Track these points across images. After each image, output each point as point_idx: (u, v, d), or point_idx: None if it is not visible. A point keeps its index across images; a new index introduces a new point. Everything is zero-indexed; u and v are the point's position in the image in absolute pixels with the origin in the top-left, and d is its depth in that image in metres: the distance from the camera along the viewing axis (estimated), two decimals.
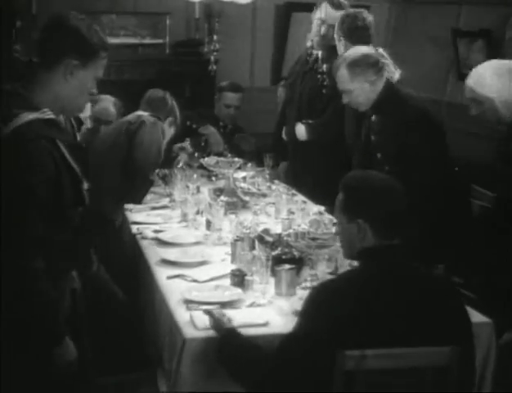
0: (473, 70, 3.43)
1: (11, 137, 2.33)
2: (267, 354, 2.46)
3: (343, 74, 3.74)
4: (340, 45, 4.48)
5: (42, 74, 2.48)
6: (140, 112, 4.11)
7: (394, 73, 3.95)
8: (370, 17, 4.51)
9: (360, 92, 3.74)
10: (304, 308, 2.42)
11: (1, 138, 2.34)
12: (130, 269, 3.71)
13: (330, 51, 4.65)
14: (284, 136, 5.05)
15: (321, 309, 2.37)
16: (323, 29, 4.73)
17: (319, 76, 4.58)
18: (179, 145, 4.75)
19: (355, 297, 2.37)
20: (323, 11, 4.74)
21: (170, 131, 4.30)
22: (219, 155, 4.83)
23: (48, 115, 2.42)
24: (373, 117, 3.80)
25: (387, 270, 2.42)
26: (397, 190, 2.45)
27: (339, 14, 4.59)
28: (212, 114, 5.48)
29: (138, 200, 4.04)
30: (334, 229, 3.82)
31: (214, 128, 5.20)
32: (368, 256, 2.44)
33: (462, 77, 5.91)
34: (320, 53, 4.71)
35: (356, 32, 4.41)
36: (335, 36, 4.52)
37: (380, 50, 4.19)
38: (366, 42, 4.24)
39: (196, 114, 5.39)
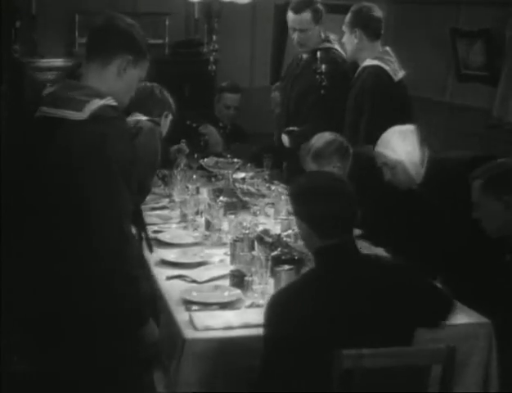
0: (381, 137, 3.62)
1: (91, 120, 2.43)
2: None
3: (310, 167, 3.88)
4: (353, 38, 4.46)
5: (97, 70, 2.60)
6: (138, 116, 4.03)
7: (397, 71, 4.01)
8: (380, 11, 4.52)
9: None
10: (266, 315, 2.44)
11: (79, 122, 2.42)
12: None
13: (315, 54, 4.63)
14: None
15: (281, 313, 2.39)
16: (296, 37, 4.71)
17: (317, 76, 4.57)
18: (176, 147, 4.73)
19: (312, 297, 2.40)
20: (289, 19, 4.75)
21: (166, 123, 4.13)
22: (218, 155, 4.83)
23: (112, 102, 2.53)
24: None
25: (338, 268, 2.45)
26: (339, 191, 2.47)
27: (301, 16, 4.63)
28: (211, 114, 5.48)
29: (136, 206, 4.02)
30: None
31: (214, 128, 5.20)
32: (318, 256, 2.50)
33: (462, 77, 5.93)
34: (319, 53, 4.70)
35: (372, 23, 4.51)
36: (345, 29, 4.48)
37: (387, 48, 4.24)
38: (379, 35, 4.47)
39: (196, 113, 5.40)
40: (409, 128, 3.64)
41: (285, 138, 4.69)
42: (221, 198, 4.13)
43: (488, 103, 5.53)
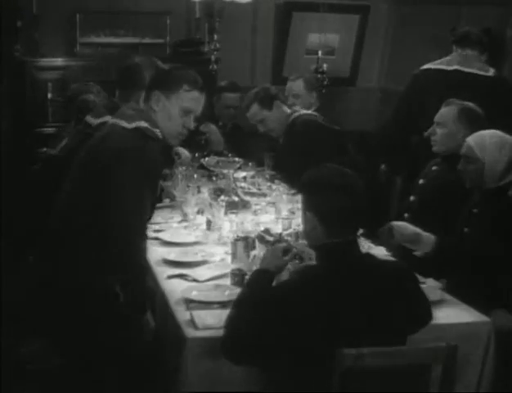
0: (479, 132, 3.55)
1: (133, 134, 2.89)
2: None
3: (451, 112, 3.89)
4: None
5: (144, 106, 2.98)
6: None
7: None
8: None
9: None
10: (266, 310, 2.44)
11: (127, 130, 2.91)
12: None
13: None
14: None
15: (279, 309, 2.39)
16: None
17: (319, 76, 4.59)
18: (175, 149, 4.77)
19: (311, 294, 2.40)
20: None
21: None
22: (219, 154, 4.83)
23: (156, 130, 2.94)
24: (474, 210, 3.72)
25: (340, 267, 2.46)
26: (352, 188, 2.43)
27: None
28: (211, 113, 5.48)
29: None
30: None
31: (215, 126, 5.20)
32: (321, 252, 2.50)
33: None
34: (320, 53, 4.73)
35: None
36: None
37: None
38: None
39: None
40: (509, 140, 3.50)
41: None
42: (222, 197, 4.14)
43: None
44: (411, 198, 4.04)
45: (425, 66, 4.98)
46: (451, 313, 3.00)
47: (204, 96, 3.03)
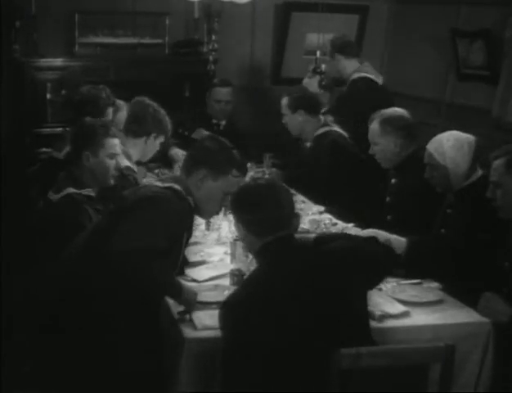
0: (436, 136, 3.60)
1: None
2: None
3: (374, 128, 3.98)
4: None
5: (184, 177, 3.05)
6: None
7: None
8: None
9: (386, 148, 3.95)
10: (220, 318, 2.52)
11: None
12: None
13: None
14: None
15: (234, 316, 2.48)
16: None
17: (318, 76, 4.59)
18: (172, 151, 4.80)
19: (258, 294, 2.51)
20: None
21: (155, 144, 4.21)
22: None
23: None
24: (393, 180, 3.98)
25: (277, 261, 2.58)
26: (268, 198, 2.63)
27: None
28: (204, 112, 5.49)
29: None
30: (332, 229, 3.84)
31: (207, 132, 5.17)
32: (259, 255, 2.65)
33: (462, 77, 5.92)
34: (318, 53, 4.73)
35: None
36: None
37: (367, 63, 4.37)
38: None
39: (190, 118, 5.37)
40: (469, 139, 3.54)
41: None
42: None
43: (488, 103, 5.53)
44: (387, 199, 4.05)
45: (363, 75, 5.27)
46: (450, 314, 3.01)
47: None
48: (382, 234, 3.28)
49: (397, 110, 4.06)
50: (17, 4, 5.74)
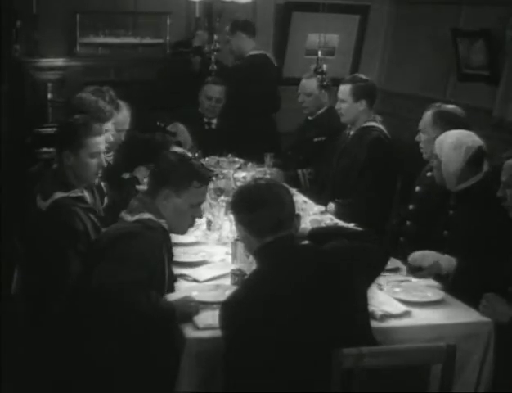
0: (450, 131, 3.61)
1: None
2: None
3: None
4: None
5: (148, 199, 3.02)
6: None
7: None
8: None
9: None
10: (221, 317, 2.54)
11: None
12: None
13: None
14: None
15: (234, 315, 2.51)
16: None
17: (319, 76, 4.58)
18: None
19: (257, 294, 2.52)
20: None
21: (109, 136, 3.87)
22: (219, 154, 4.84)
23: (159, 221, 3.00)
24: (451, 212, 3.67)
25: (276, 261, 2.59)
26: (270, 199, 2.64)
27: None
28: (197, 111, 5.49)
29: None
30: None
31: (184, 126, 5.17)
32: (258, 255, 2.65)
33: (462, 77, 5.92)
34: (320, 53, 4.72)
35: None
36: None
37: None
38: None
39: (167, 114, 5.35)
40: (468, 142, 3.51)
41: (331, 207, 4.57)
42: (222, 197, 4.13)
43: (489, 103, 5.53)
44: (410, 206, 4.03)
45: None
46: (452, 314, 3.00)
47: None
48: (432, 254, 3.23)
49: (455, 108, 4.01)
50: (18, 4, 5.74)
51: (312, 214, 4.03)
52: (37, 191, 3.38)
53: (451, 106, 3.99)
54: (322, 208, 4.31)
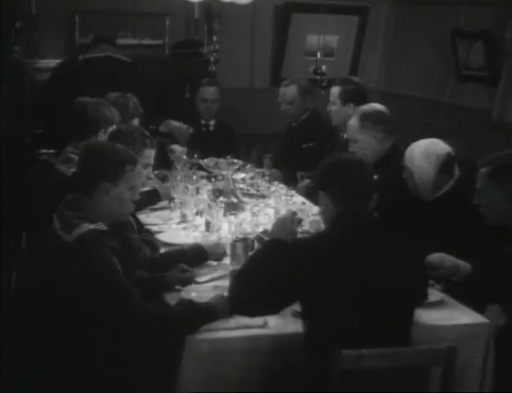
0: (415, 143, 3.67)
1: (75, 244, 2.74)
2: None
3: (354, 123, 4.05)
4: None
5: (86, 199, 2.87)
6: None
7: None
8: None
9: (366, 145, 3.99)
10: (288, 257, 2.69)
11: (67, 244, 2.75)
12: None
13: None
14: None
15: (291, 260, 2.66)
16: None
17: (318, 77, 4.59)
18: (170, 147, 4.79)
19: (320, 254, 2.63)
20: None
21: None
22: (218, 156, 4.84)
23: (102, 227, 2.81)
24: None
25: (349, 231, 2.69)
26: (355, 170, 2.78)
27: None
28: (194, 113, 5.49)
29: None
30: None
31: (176, 122, 5.13)
32: (333, 223, 2.75)
33: (461, 78, 5.93)
34: (319, 54, 4.74)
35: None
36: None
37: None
38: None
39: (161, 116, 5.34)
40: (437, 150, 3.57)
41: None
42: (221, 198, 4.14)
43: (488, 104, 5.54)
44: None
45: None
46: (451, 315, 3.00)
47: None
48: (450, 259, 3.18)
49: (375, 106, 4.12)
50: (18, 5, 5.75)
51: (311, 215, 4.03)
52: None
53: (370, 106, 4.14)
54: None
